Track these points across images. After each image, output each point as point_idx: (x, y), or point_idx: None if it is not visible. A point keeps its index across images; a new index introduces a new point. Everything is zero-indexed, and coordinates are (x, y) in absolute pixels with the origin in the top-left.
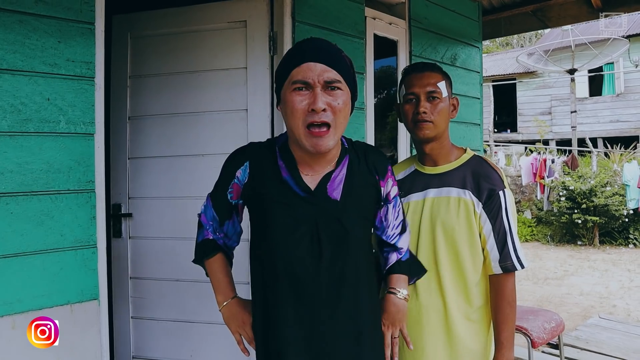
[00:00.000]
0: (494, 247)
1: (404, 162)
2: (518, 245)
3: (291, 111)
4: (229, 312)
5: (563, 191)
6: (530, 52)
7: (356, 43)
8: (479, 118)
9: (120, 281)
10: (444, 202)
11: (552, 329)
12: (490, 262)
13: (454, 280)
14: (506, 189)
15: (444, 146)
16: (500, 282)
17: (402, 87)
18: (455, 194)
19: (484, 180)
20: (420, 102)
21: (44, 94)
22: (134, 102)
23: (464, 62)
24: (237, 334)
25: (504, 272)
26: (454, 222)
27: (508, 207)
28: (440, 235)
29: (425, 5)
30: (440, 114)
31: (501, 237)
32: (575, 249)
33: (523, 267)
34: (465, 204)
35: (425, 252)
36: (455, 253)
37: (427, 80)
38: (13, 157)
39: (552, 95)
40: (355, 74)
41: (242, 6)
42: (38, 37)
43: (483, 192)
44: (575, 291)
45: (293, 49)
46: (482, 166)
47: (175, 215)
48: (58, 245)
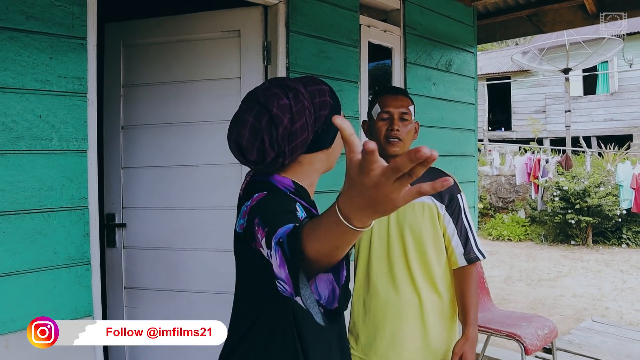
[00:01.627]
0: (459, 244)
1: None
2: (478, 240)
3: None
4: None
5: (557, 191)
6: (524, 51)
7: (351, 52)
8: (473, 124)
9: (114, 291)
10: (409, 207)
11: (545, 336)
12: (456, 257)
13: (424, 277)
14: (461, 192)
15: None
16: (466, 272)
17: (376, 105)
18: (419, 199)
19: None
20: (395, 121)
21: (35, 111)
22: (127, 112)
23: (458, 67)
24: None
25: (468, 264)
26: (421, 224)
27: (465, 208)
28: (409, 236)
29: (420, 11)
30: (408, 134)
31: (464, 234)
32: (568, 248)
33: (484, 257)
34: (429, 208)
35: (397, 253)
36: (423, 252)
37: (400, 102)
38: (5, 176)
39: (547, 94)
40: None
41: (236, 15)
42: (29, 54)
43: (444, 196)
44: (568, 293)
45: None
46: (439, 174)
47: (169, 226)
48: (51, 263)
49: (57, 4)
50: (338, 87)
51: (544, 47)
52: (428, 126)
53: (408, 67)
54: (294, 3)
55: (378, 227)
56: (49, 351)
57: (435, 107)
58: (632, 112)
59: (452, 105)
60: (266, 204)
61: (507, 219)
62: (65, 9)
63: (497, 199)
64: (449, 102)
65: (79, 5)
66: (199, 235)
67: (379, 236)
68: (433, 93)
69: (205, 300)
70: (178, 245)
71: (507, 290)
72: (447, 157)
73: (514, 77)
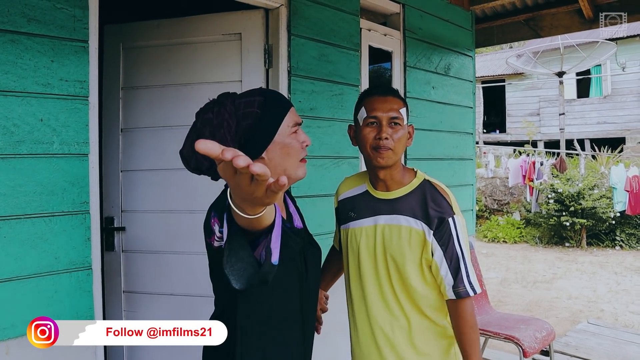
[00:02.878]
0: (448, 274)
1: (355, 177)
2: (470, 271)
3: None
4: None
5: (552, 193)
6: (519, 54)
7: (351, 55)
8: (471, 127)
9: (113, 295)
10: (395, 231)
11: (543, 338)
12: (445, 288)
13: (411, 304)
14: (456, 215)
15: (397, 171)
16: (458, 307)
17: (362, 109)
18: (405, 223)
19: (433, 207)
20: (383, 128)
21: (37, 115)
22: (126, 114)
23: (457, 71)
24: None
25: (457, 298)
26: (405, 251)
27: (459, 232)
28: (392, 263)
29: (420, 15)
30: (400, 141)
31: (454, 264)
32: (563, 250)
33: (475, 293)
34: (415, 233)
35: (383, 277)
36: (406, 280)
37: (390, 105)
38: (5, 180)
39: (541, 97)
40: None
41: (237, 18)
42: (31, 57)
43: (433, 220)
44: (563, 295)
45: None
46: (432, 192)
47: (169, 229)
48: (52, 268)
49: (58, 7)
50: (339, 90)
51: (538, 50)
52: (427, 129)
53: (408, 70)
54: (295, 6)
55: (366, 249)
56: (49, 355)
57: (434, 111)
58: (624, 115)
59: (450, 109)
60: (220, 200)
61: (502, 221)
62: (67, 11)
63: (492, 201)
64: (447, 105)
65: (81, 8)
66: (199, 239)
67: (367, 258)
68: (432, 97)
69: (204, 304)
70: (177, 249)
71: (503, 292)
72: (445, 160)
73: (508, 79)
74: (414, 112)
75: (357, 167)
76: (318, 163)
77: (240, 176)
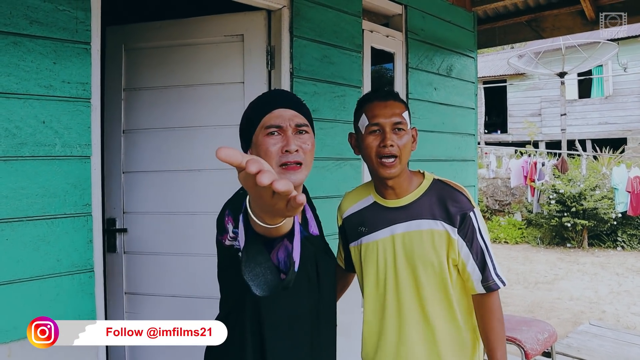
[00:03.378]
0: (475, 269)
1: (358, 191)
2: (496, 263)
3: (265, 153)
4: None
5: (553, 194)
6: (521, 54)
7: (354, 57)
8: (473, 128)
9: (114, 297)
10: (416, 236)
11: (545, 340)
12: (473, 283)
13: (439, 307)
14: (475, 208)
15: (405, 177)
16: (486, 301)
17: (363, 116)
18: (426, 227)
19: (452, 204)
20: (387, 135)
21: (39, 117)
22: (128, 116)
23: (459, 72)
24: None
25: (487, 292)
26: (432, 256)
27: (480, 226)
28: (422, 272)
29: (422, 16)
30: (406, 147)
31: (480, 258)
32: (564, 251)
33: (504, 285)
34: (439, 235)
35: (407, 290)
36: (443, 287)
37: (392, 110)
38: (8, 182)
39: (542, 97)
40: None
41: (239, 20)
42: (33, 59)
43: (455, 217)
44: (565, 296)
45: (262, 98)
46: (446, 190)
47: (171, 231)
48: (54, 270)
49: (61, 9)
50: (341, 92)
51: (540, 50)
52: (429, 131)
53: (410, 72)
54: (297, 8)
55: (384, 262)
56: (51, 357)
57: (436, 112)
58: (626, 116)
59: (452, 110)
60: (236, 197)
61: (503, 222)
62: (69, 13)
63: (493, 202)
64: (449, 106)
65: (83, 9)
66: (201, 241)
67: (385, 272)
68: (434, 98)
69: (206, 305)
70: (180, 251)
71: (505, 293)
72: (447, 161)
73: (510, 80)
74: (416, 113)
75: (360, 168)
76: (320, 165)
77: (262, 189)
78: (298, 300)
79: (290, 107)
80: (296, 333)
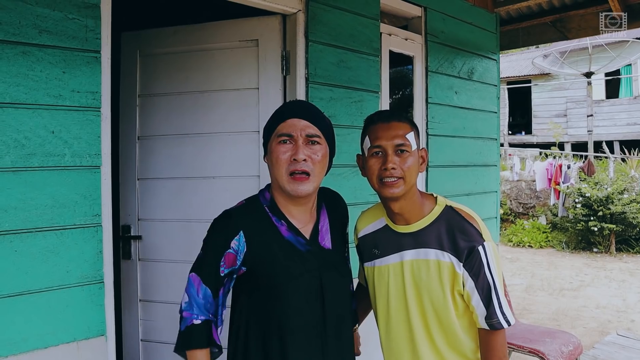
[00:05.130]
0: (480, 304)
1: (372, 211)
2: (503, 301)
3: (276, 160)
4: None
5: (579, 198)
6: (545, 54)
7: (371, 61)
8: (495, 132)
9: (129, 304)
10: (424, 266)
11: (569, 353)
12: (477, 317)
13: (445, 342)
14: (486, 241)
15: (414, 202)
16: (489, 338)
17: (366, 138)
18: (433, 257)
19: (461, 237)
20: (388, 157)
21: (48, 127)
22: (143, 122)
23: (481, 75)
24: None
25: (490, 329)
26: (437, 287)
27: (490, 260)
28: (428, 302)
29: (442, 18)
30: (410, 169)
31: (486, 294)
32: (591, 256)
33: (509, 325)
34: (445, 267)
35: (416, 319)
36: (446, 318)
37: (394, 132)
38: (17, 194)
39: (568, 98)
40: (334, 133)
41: (254, 25)
42: (42, 68)
43: (462, 251)
44: (591, 304)
45: (280, 108)
46: (457, 220)
47: (186, 238)
48: (64, 282)
49: (70, 17)
50: (359, 97)
51: (565, 50)
52: (450, 136)
53: (430, 75)
54: (313, 12)
55: (395, 288)
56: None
57: (457, 116)
58: None
59: (474, 114)
60: (208, 234)
61: (527, 225)
62: (79, 22)
63: (517, 205)
64: (471, 110)
65: (93, 17)
66: None
67: (396, 297)
68: (455, 102)
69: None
70: (194, 258)
71: (528, 300)
72: (468, 167)
73: (534, 80)
74: (436, 118)
75: None
76: (337, 172)
77: None
78: (298, 311)
79: (304, 117)
80: (302, 345)
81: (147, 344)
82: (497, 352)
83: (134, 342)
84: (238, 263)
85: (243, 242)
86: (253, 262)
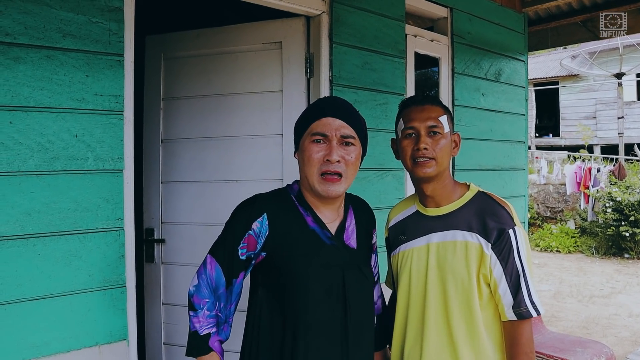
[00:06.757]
0: (507, 292)
1: (404, 202)
2: (533, 289)
3: (308, 159)
4: None
5: (609, 202)
6: (574, 55)
7: (396, 62)
8: (523, 135)
9: (152, 307)
10: (450, 247)
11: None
12: (503, 308)
13: (466, 331)
14: (517, 226)
15: (445, 185)
16: (516, 330)
17: (400, 121)
18: (461, 238)
19: (491, 218)
20: (421, 138)
21: (71, 131)
22: (167, 125)
23: (508, 77)
24: None
25: (518, 319)
26: (463, 269)
27: (520, 246)
28: (452, 285)
29: (469, 19)
30: (442, 150)
31: (514, 281)
32: (622, 262)
33: (539, 314)
34: (473, 248)
35: (435, 304)
36: (468, 304)
37: (427, 114)
38: (40, 197)
39: (597, 99)
40: (367, 131)
41: (278, 27)
42: (66, 72)
43: (491, 232)
44: (623, 312)
45: (314, 104)
46: (488, 203)
47: (208, 242)
48: (86, 286)
49: (94, 21)
50: (383, 100)
51: (595, 50)
52: (477, 139)
53: (456, 77)
54: (337, 13)
55: (417, 269)
56: None
57: (484, 119)
58: None
59: (501, 117)
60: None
61: (555, 230)
62: (102, 25)
63: (545, 209)
64: (498, 113)
65: (117, 21)
66: None
67: (417, 279)
68: (482, 104)
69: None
70: None
71: (557, 306)
72: (496, 170)
73: (562, 82)
74: (462, 120)
75: (402, 179)
76: (361, 175)
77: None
78: (317, 304)
79: (339, 116)
80: (321, 344)
81: (170, 348)
82: (524, 347)
83: (156, 346)
84: (258, 247)
85: (266, 225)
86: (273, 246)
